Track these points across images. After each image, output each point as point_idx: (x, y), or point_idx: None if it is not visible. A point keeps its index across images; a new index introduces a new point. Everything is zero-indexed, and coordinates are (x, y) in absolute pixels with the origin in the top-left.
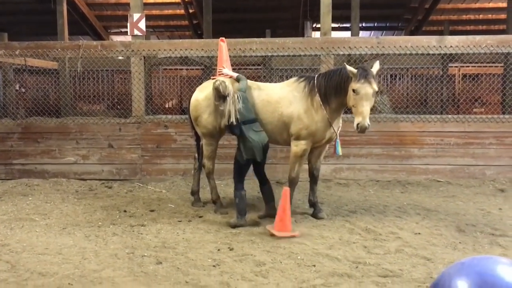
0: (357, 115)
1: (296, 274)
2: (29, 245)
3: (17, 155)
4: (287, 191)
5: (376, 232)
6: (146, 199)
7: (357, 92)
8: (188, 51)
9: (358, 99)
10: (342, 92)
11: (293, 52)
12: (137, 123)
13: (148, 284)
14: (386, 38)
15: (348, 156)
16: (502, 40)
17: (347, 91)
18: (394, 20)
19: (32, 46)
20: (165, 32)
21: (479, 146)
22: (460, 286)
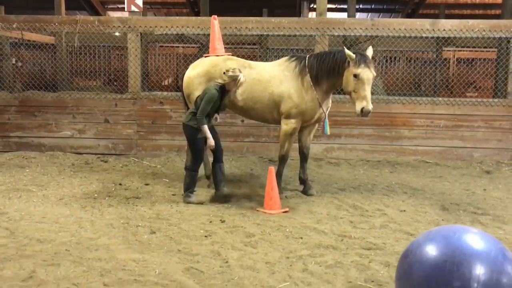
0: (359, 99)
1: (284, 245)
2: (27, 214)
3: (14, 128)
4: (273, 170)
5: (363, 209)
6: (141, 174)
7: (359, 77)
8: (185, 29)
9: (360, 84)
10: (334, 75)
11: (288, 32)
12: (133, 99)
13: (142, 252)
14: (380, 20)
15: (339, 136)
16: (494, 24)
17: (340, 74)
18: (391, 3)
19: (30, 20)
20: (162, 9)
21: (468, 129)
22: (427, 248)
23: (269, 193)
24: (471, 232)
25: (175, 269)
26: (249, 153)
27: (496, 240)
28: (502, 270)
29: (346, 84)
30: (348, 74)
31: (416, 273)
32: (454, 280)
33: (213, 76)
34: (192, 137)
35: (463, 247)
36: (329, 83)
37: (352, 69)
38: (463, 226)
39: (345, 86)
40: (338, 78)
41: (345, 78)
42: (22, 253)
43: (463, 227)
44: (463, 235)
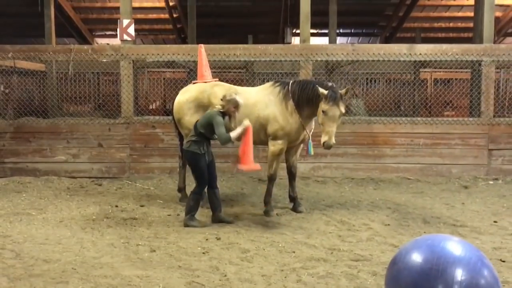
0: (324, 133)
1: (278, 259)
2: (29, 236)
3: (9, 154)
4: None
5: (350, 224)
6: (135, 196)
7: (325, 113)
8: (175, 56)
9: (326, 119)
10: (313, 104)
11: (274, 58)
12: (126, 123)
13: (145, 268)
14: (360, 46)
15: (325, 155)
16: (466, 49)
17: (317, 105)
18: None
19: (25, 49)
20: (149, 36)
21: (446, 146)
22: (413, 256)
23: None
24: (454, 241)
25: (177, 283)
26: (240, 173)
27: (476, 248)
28: (481, 275)
29: (318, 115)
30: (320, 108)
31: (404, 279)
32: (439, 285)
33: (201, 101)
34: (195, 162)
35: (447, 255)
36: (309, 110)
37: (322, 104)
38: (447, 235)
39: (318, 117)
40: (316, 107)
41: (318, 110)
42: (30, 272)
43: (446, 236)
44: (446, 244)
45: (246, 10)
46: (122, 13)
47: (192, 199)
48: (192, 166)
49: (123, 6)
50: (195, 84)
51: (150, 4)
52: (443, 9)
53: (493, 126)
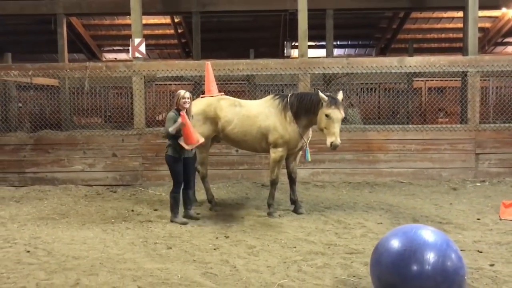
0: (330, 135)
1: (281, 253)
2: (57, 238)
3: (30, 165)
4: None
5: (346, 223)
6: (149, 201)
7: (329, 116)
8: (183, 71)
9: (330, 122)
10: (311, 114)
11: (274, 72)
12: (138, 134)
13: (163, 262)
14: (354, 59)
15: (323, 161)
16: (453, 60)
17: (316, 113)
18: (366, 39)
19: (44, 67)
20: (155, 50)
21: (436, 151)
22: (391, 241)
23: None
24: (424, 228)
25: (193, 274)
26: (244, 179)
27: (443, 233)
28: (446, 255)
29: (319, 122)
30: (321, 114)
31: (384, 261)
32: (412, 264)
33: (208, 114)
34: (172, 164)
35: (418, 239)
36: (307, 119)
37: (325, 109)
38: (420, 225)
39: (319, 123)
40: (314, 116)
41: (318, 117)
42: (64, 266)
43: (420, 225)
44: (418, 231)
45: (247, 25)
46: (133, 32)
47: (171, 198)
48: (170, 168)
49: (134, 26)
50: (203, 98)
51: (157, 20)
52: (434, 21)
53: (480, 132)
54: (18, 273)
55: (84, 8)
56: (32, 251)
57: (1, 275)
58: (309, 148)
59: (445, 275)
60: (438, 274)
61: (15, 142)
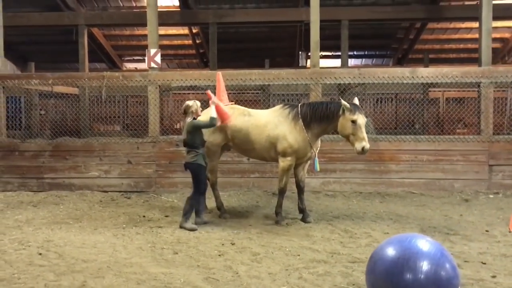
0: (359, 140)
1: (284, 261)
2: (69, 241)
3: (48, 170)
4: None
5: (352, 232)
6: (161, 207)
7: (355, 122)
8: (197, 81)
9: (357, 128)
10: (327, 122)
11: (286, 82)
12: (153, 142)
13: (168, 267)
14: (366, 70)
15: (335, 171)
16: (466, 71)
17: (333, 121)
18: (383, 49)
19: (63, 77)
20: (174, 60)
21: (448, 162)
22: (385, 250)
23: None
24: (419, 237)
25: (196, 278)
26: (255, 187)
27: (438, 243)
28: (439, 264)
29: (343, 129)
30: (345, 121)
31: (378, 269)
32: (405, 272)
33: None
34: (199, 173)
35: (412, 248)
36: (321, 128)
37: (349, 116)
38: (416, 234)
39: (342, 131)
40: (330, 124)
41: (340, 124)
42: (72, 269)
43: (414, 234)
44: (413, 240)
45: (263, 36)
46: (149, 43)
47: (189, 203)
48: (195, 175)
49: (151, 37)
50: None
51: (175, 31)
52: (452, 32)
53: (493, 143)
54: (28, 274)
55: (105, 19)
56: (44, 254)
57: (13, 276)
58: (319, 158)
59: (438, 284)
60: (431, 283)
61: (35, 149)
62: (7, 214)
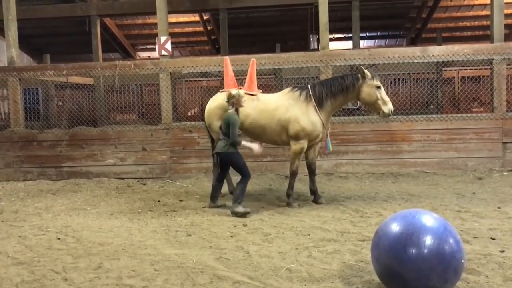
0: (385, 104)
1: (294, 240)
2: (86, 226)
3: (65, 159)
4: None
5: (363, 212)
6: (175, 192)
7: (379, 87)
8: (208, 67)
9: (380, 92)
10: (342, 96)
11: (296, 65)
12: (166, 129)
13: (181, 248)
14: (376, 50)
15: (347, 152)
16: (477, 48)
17: (349, 93)
18: (396, 29)
19: (76, 67)
20: (186, 47)
21: (461, 141)
22: (390, 225)
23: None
24: (423, 213)
25: (208, 258)
26: (268, 171)
27: (442, 218)
28: (442, 238)
29: (368, 96)
30: (369, 88)
31: (382, 244)
32: (408, 246)
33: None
34: (236, 161)
35: (415, 223)
36: (336, 103)
37: (373, 82)
38: (420, 209)
39: (368, 98)
40: (347, 96)
41: (365, 92)
42: (89, 252)
43: (418, 210)
44: (416, 215)
45: (274, 20)
46: (159, 30)
47: (239, 189)
48: (234, 164)
49: (160, 25)
50: (222, 92)
51: (186, 18)
52: (466, 9)
53: (507, 121)
54: (47, 257)
55: (116, 9)
56: (62, 238)
57: (33, 259)
58: (331, 140)
59: (441, 258)
60: (434, 257)
61: (52, 138)
62: (27, 202)
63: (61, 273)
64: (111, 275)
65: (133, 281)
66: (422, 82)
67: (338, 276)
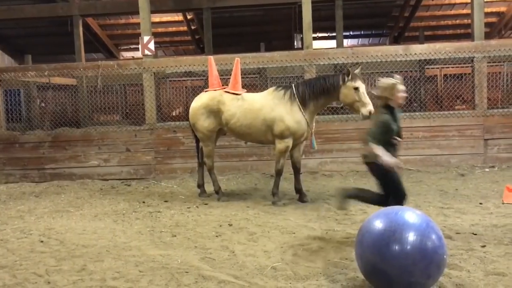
0: (364, 105)
1: (279, 239)
2: (70, 228)
3: (48, 161)
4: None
5: (348, 210)
6: (160, 193)
7: (358, 89)
8: (191, 67)
9: (360, 94)
10: (327, 95)
11: (280, 64)
12: (150, 129)
13: (166, 249)
14: (359, 49)
15: (331, 151)
16: (459, 46)
17: (334, 93)
18: (379, 28)
19: (59, 68)
20: (170, 47)
21: (444, 138)
22: (373, 222)
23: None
24: (406, 210)
25: (193, 259)
26: (253, 170)
27: (424, 215)
28: (425, 235)
29: (346, 97)
30: (347, 90)
31: (366, 240)
32: (391, 243)
33: (211, 107)
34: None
35: (398, 220)
36: (319, 103)
37: (351, 84)
38: (404, 207)
39: (345, 99)
40: (329, 97)
41: (343, 94)
42: (73, 254)
43: (401, 207)
44: (399, 212)
45: (258, 19)
46: (142, 30)
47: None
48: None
49: (143, 24)
50: (206, 92)
51: (170, 18)
52: (447, 8)
53: (488, 118)
54: (30, 261)
55: (98, 9)
56: (45, 241)
57: (15, 263)
58: (316, 139)
59: (424, 253)
60: (417, 253)
61: (34, 140)
62: (9, 205)
63: (44, 276)
64: (95, 277)
65: (117, 283)
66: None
67: (323, 273)
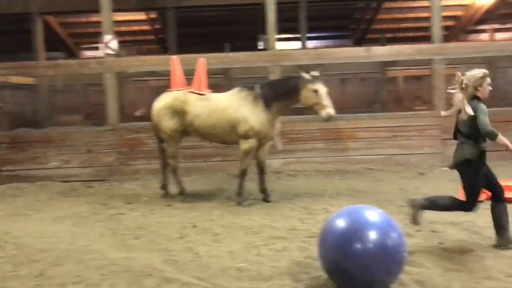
0: (324, 108)
1: (244, 239)
2: (28, 232)
3: (6, 163)
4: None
5: (312, 209)
6: (123, 195)
7: (317, 91)
8: (155, 66)
9: (319, 96)
10: (289, 98)
11: (245, 65)
12: (112, 130)
13: (129, 252)
14: (323, 50)
15: (295, 151)
16: (419, 49)
17: (296, 96)
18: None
19: (16, 66)
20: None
21: (404, 138)
22: (336, 221)
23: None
24: (368, 209)
25: (156, 261)
26: (219, 171)
27: (386, 214)
28: (386, 233)
29: (306, 100)
30: (307, 92)
31: (329, 239)
32: (353, 242)
33: (175, 108)
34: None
35: (360, 219)
36: (283, 105)
37: (311, 86)
38: (366, 205)
39: (305, 102)
40: (291, 99)
41: (303, 96)
42: (31, 259)
43: (364, 206)
44: (361, 211)
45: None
46: (104, 29)
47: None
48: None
49: (105, 23)
50: (170, 92)
51: (132, 17)
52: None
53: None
54: None
55: (59, 6)
56: (2, 246)
57: None
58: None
59: (385, 251)
60: (379, 251)
61: None
62: None
63: (0, 282)
64: (54, 282)
65: (77, 287)
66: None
67: (287, 273)
